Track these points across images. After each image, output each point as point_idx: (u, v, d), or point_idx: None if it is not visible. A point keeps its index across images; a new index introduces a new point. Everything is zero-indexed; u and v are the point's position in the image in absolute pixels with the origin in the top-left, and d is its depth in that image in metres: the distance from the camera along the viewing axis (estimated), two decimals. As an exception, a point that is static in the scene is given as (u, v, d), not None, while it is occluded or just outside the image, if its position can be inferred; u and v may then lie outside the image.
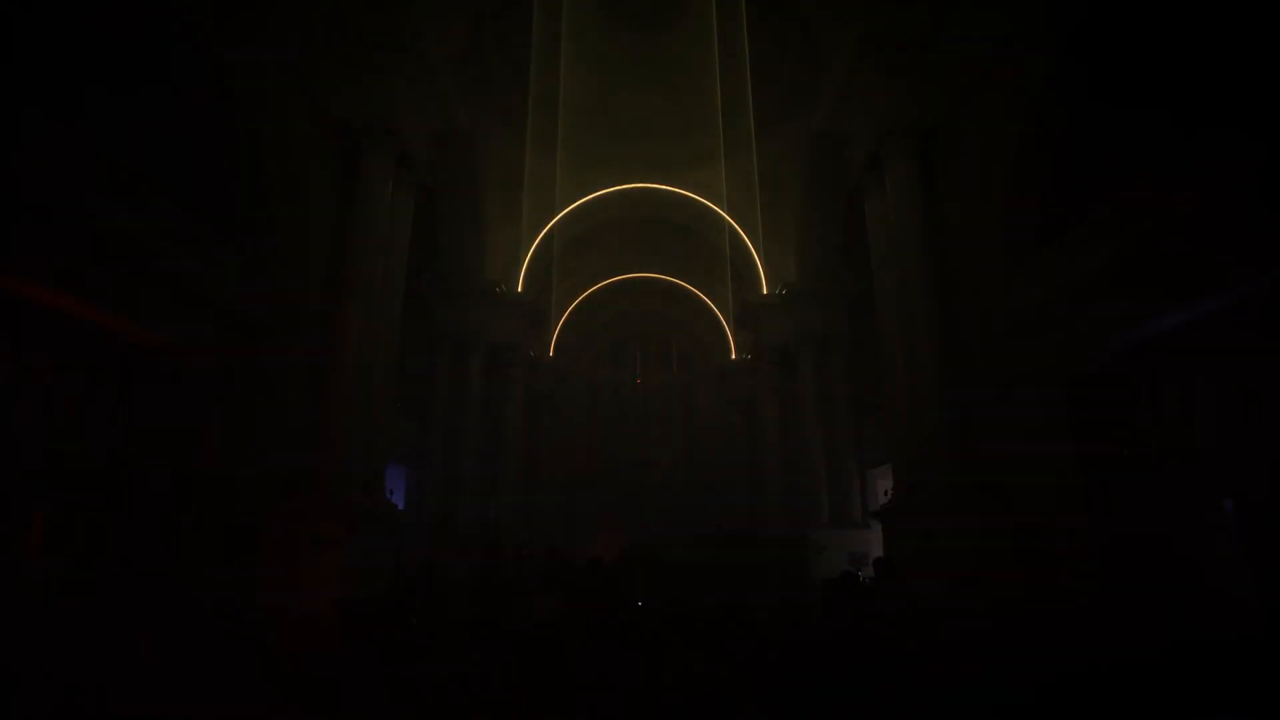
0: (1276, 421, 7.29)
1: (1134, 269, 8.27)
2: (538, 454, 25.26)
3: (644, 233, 24.53)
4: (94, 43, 8.84)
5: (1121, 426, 9.34)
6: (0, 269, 7.27)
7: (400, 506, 15.04)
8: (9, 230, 7.08)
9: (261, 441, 10.65)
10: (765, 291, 22.40)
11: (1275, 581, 7.33)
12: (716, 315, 27.25)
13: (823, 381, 21.03)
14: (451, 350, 20.80)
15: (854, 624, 6.91)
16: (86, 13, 8.58)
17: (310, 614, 9.57)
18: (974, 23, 11.49)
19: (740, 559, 16.37)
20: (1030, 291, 10.26)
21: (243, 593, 9.70)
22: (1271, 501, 7.38)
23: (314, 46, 11.89)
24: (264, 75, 11.03)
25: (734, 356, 27.34)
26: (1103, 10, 9.16)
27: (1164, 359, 8.67)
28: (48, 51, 8.13)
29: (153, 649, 8.03)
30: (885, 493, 14.08)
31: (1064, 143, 10.41)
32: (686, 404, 30.83)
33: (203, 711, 6.34)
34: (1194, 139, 7.49)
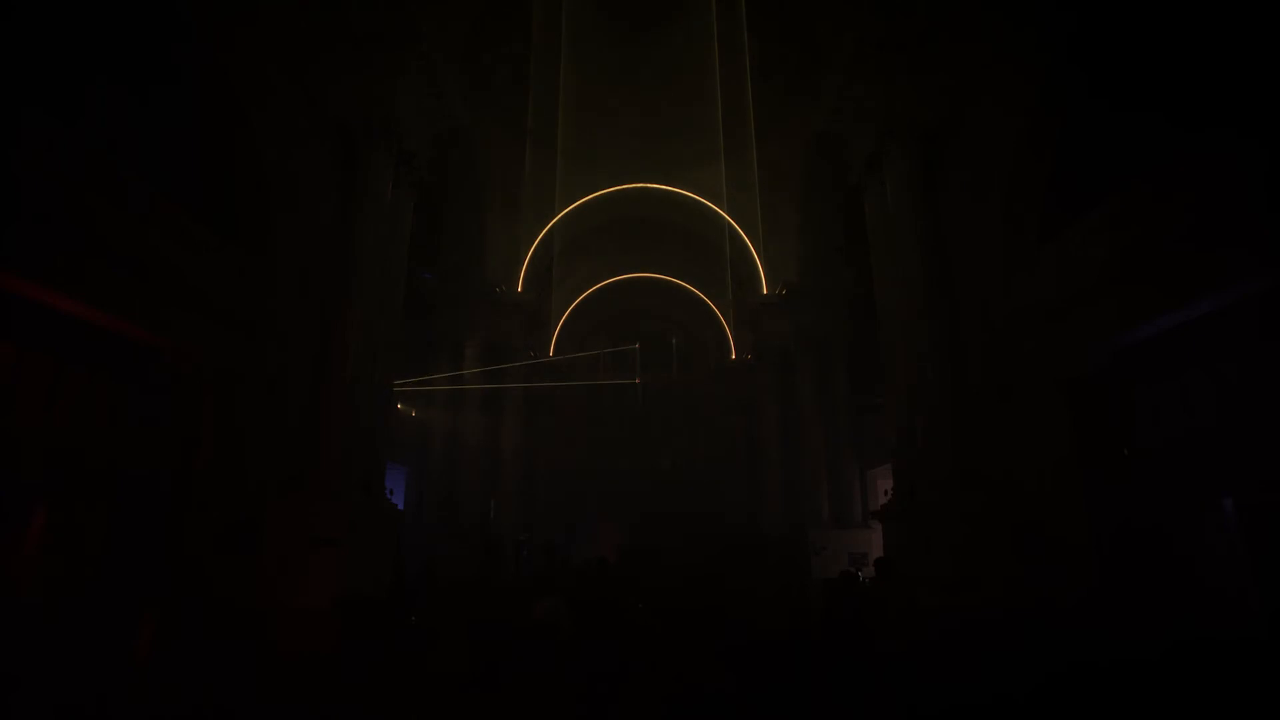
0: (1275, 421, 7.30)
1: (1134, 269, 8.27)
2: (537, 454, 25.24)
3: (644, 233, 24.50)
4: (94, 42, 8.84)
5: (1121, 426, 9.35)
6: (0, 269, 7.27)
7: (400, 506, 15.04)
8: (9, 230, 7.08)
9: (261, 441, 10.65)
10: (765, 291, 22.37)
11: (1275, 581, 7.33)
12: (716, 315, 27.24)
13: (823, 381, 21.02)
14: (451, 350, 20.79)
15: (854, 624, 6.91)
16: (86, 12, 8.58)
17: (310, 613, 9.58)
18: (974, 23, 11.50)
19: (740, 559, 16.41)
20: (1030, 291, 10.27)
21: (242, 592, 9.70)
22: (1271, 501, 7.38)
23: (314, 46, 11.89)
24: (264, 75, 11.03)
25: (734, 356, 27.32)
26: (1103, 10, 9.17)
27: (1163, 359, 8.67)
28: (48, 51, 8.13)
29: (152, 649, 8.03)
30: (885, 493, 14.10)
31: (1064, 142, 10.41)
32: (686, 404, 30.80)
33: (203, 711, 6.35)
34: (1194, 139, 7.50)
